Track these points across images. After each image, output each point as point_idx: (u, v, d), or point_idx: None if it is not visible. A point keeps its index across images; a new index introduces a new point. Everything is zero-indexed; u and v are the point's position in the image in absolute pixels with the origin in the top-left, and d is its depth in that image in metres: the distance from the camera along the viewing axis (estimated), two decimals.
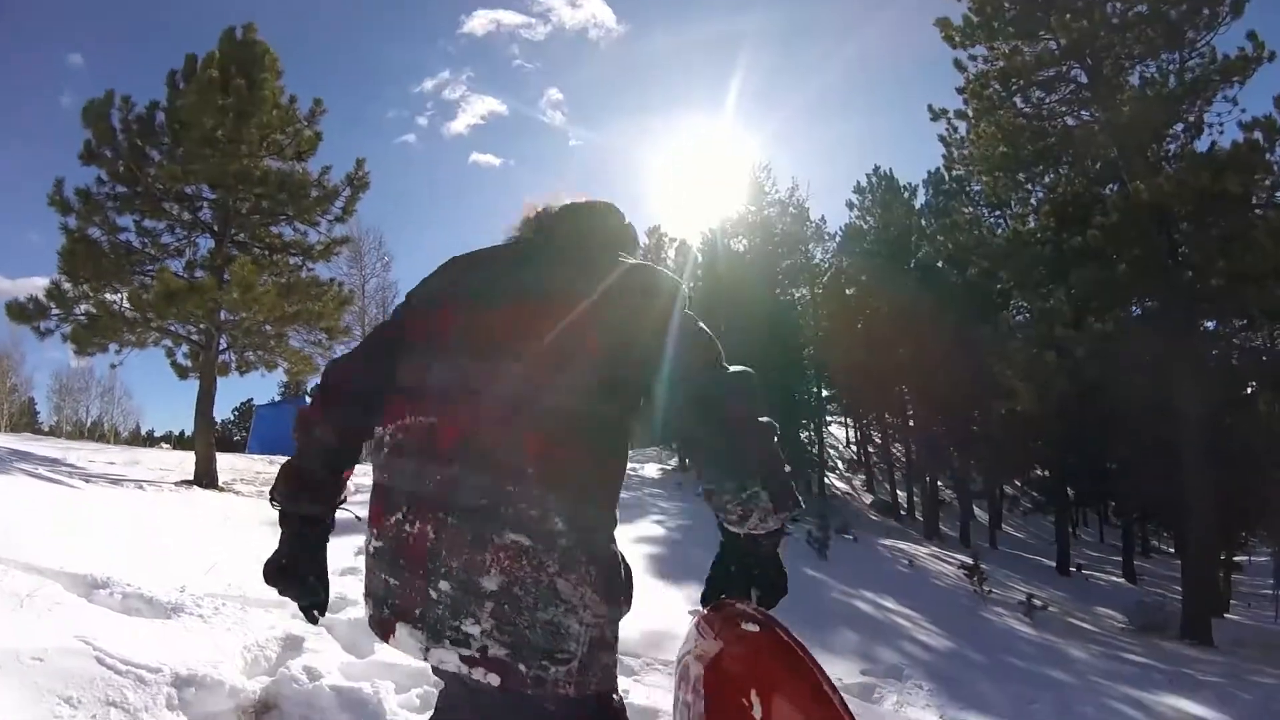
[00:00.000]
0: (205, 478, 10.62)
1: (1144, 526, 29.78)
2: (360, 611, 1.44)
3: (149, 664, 2.49)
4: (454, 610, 1.22)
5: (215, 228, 11.80)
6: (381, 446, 1.37)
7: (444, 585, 1.23)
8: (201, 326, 11.50)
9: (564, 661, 1.22)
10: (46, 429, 38.58)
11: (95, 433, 39.65)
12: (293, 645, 3.15)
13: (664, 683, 3.80)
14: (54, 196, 10.77)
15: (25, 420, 39.12)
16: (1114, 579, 21.86)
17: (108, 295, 10.94)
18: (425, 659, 1.28)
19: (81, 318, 10.91)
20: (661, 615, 5.61)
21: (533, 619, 1.20)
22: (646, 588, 7.21)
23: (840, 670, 5.39)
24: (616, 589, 1.31)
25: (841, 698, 1.21)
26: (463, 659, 1.22)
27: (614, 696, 1.35)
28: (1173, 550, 29.56)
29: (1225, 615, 16.84)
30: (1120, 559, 24.19)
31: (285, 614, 3.61)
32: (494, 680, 1.21)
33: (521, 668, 1.20)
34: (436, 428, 1.30)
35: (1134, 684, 7.22)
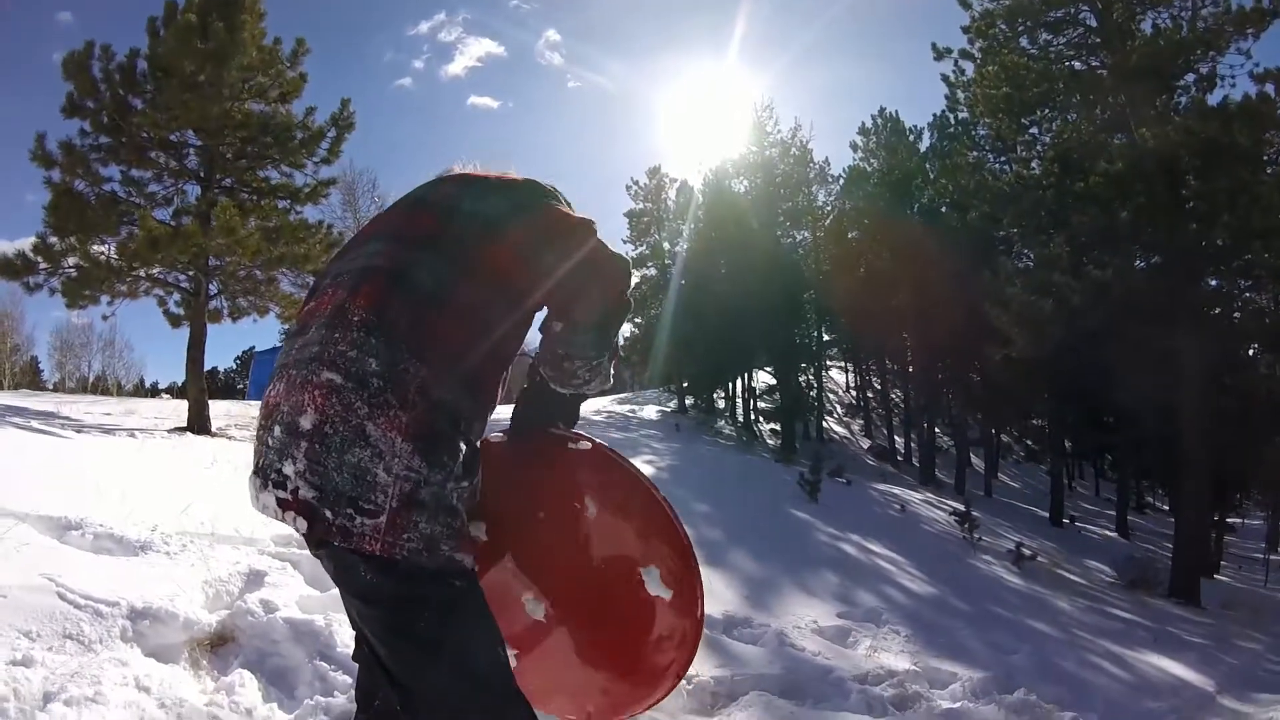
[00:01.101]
0: (198, 424, 10.70)
1: (1139, 482, 29.86)
2: None
3: (107, 599, 2.52)
4: (279, 453, 1.26)
5: (201, 174, 11.67)
6: None
7: (276, 430, 1.28)
8: (190, 273, 11.47)
9: (370, 514, 1.20)
10: (51, 386, 38.74)
11: (99, 387, 39.83)
12: (255, 580, 3.19)
13: None
14: (36, 151, 10.65)
15: (29, 379, 39.28)
16: (1107, 533, 22.01)
17: (95, 247, 10.85)
18: (258, 507, 1.31)
19: (71, 271, 10.85)
20: None
21: (340, 460, 1.21)
22: None
23: (816, 613, 5.41)
24: (438, 447, 1.27)
25: (671, 505, 1.52)
26: (279, 502, 1.24)
27: (443, 578, 1.29)
28: (1168, 508, 29.74)
29: (1215, 576, 17.02)
30: (1114, 513, 24.33)
31: (251, 550, 3.65)
32: (302, 525, 1.23)
33: (327, 513, 1.20)
34: (310, 309, 1.42)
35: (1117, 640, 7.18)
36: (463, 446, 1.32)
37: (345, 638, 2.61)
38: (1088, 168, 12.58)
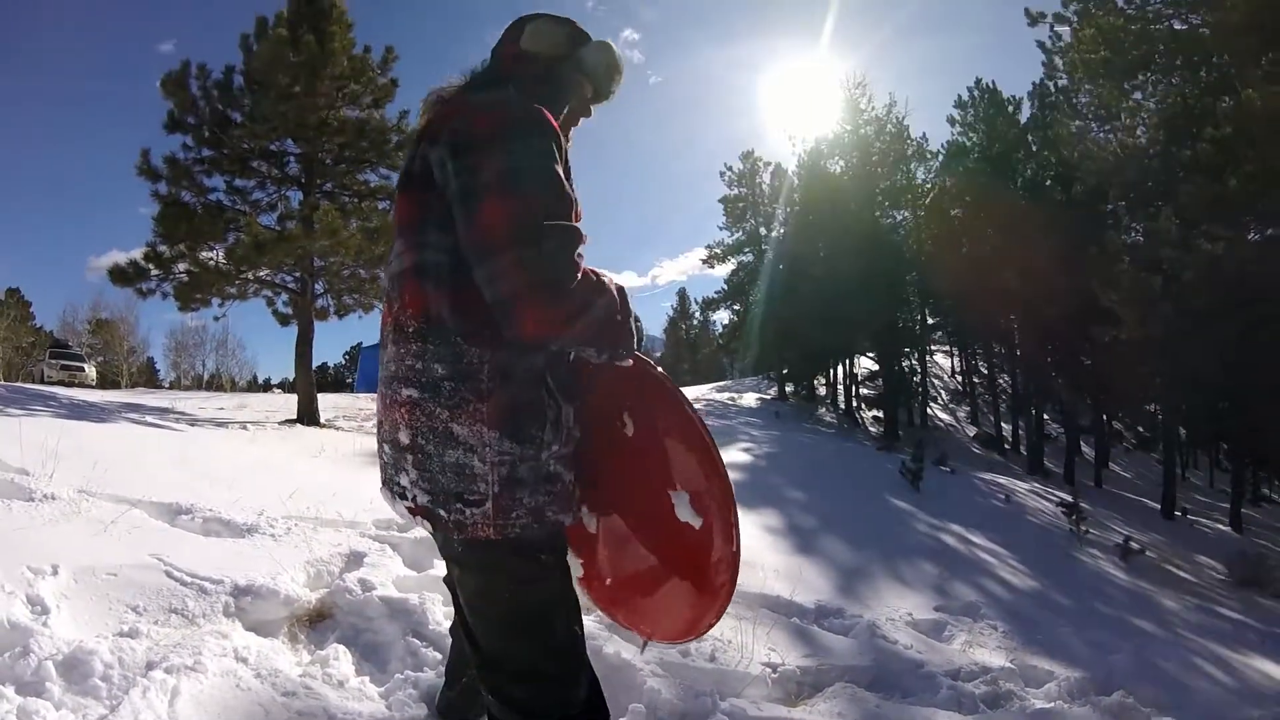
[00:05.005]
0: (307, 415, 11.27)
1: (1255, 472, 27.50)
2: (423, 531, 1.58)
3: (212, 576, 2.65)
4: (395, 467, 1.36)
5: (302, 180, 12.22)
6: None
7: (386, 448, 1.38)
8: (296, 274, 12.04)
9: (476, 503, 1.29)
10: (166, 384, 41.25)
11: (213, 384, 42.23)
12: (354, 560, 3.30)
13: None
14: (142, 166, 11.33)
15: (145, 378, 42.02)
16: (1220, 526, 20.39)
17: (204, 253, 11.50)
18: (398, 514, 1.40)
19: (182, 276, 11.53)
20: None
21: (441, 464, 1.29)
22: None
23: (911, 604, 5.22)
24: (523, 424, 1.32)
25: (700, 416, 1.46)
26: (406, 510, 1.35)
27: (532, 552, 1.35)
28: None
29: None
30: (1229, 506, 22.57)
31: (353, 533, 3.79)
32: (427, 526, 1.33)
33: (442, 513, 1.30)
34: (383, 320, 1.46)
35: (1223, 641, 6.73)
36: (549, 409, 1.35)
37: (438, 616, 2.69)
38: (1195, 134, 11.69)
